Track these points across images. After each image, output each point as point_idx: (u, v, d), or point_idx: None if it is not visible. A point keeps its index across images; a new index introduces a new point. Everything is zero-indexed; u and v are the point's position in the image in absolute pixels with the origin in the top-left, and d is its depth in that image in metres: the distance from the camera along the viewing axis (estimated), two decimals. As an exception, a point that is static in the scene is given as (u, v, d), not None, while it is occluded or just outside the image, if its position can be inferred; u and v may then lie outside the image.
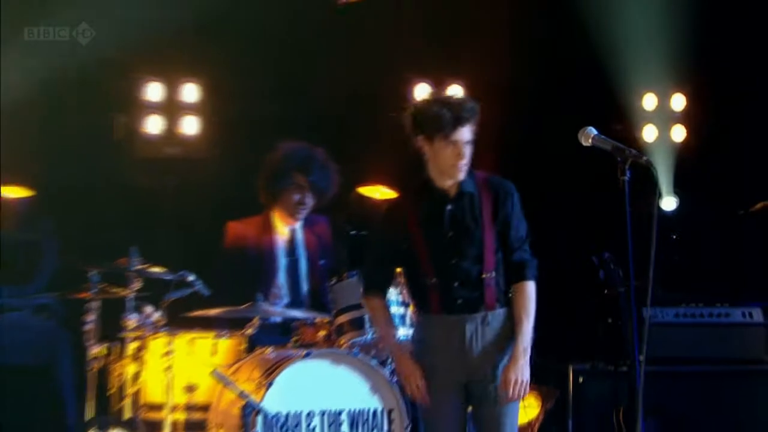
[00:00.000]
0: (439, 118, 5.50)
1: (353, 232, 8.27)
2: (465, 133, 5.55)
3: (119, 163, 10.00)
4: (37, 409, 8.60)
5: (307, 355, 6.88)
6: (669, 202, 10.44)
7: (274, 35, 9.74)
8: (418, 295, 5.85)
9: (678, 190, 10.37)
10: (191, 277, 7.39)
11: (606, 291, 8.17)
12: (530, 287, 5.63)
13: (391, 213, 6.02)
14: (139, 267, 7.50)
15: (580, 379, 8.86)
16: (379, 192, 9.34)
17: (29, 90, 9.10)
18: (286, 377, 6.66)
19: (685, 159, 10.60)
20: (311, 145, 8.03)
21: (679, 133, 10.60)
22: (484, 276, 5.61)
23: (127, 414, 7.36)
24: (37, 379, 8.88)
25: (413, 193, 5.88)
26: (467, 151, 5.57)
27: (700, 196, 10.49)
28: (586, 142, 5.24)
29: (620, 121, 10.11)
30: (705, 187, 10.51)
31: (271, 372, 6.73)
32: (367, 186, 9.26)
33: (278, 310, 7.57)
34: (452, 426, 5.78)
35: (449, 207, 5.62)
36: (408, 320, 6.73)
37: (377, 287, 5.98)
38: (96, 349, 7.40)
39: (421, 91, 9.93)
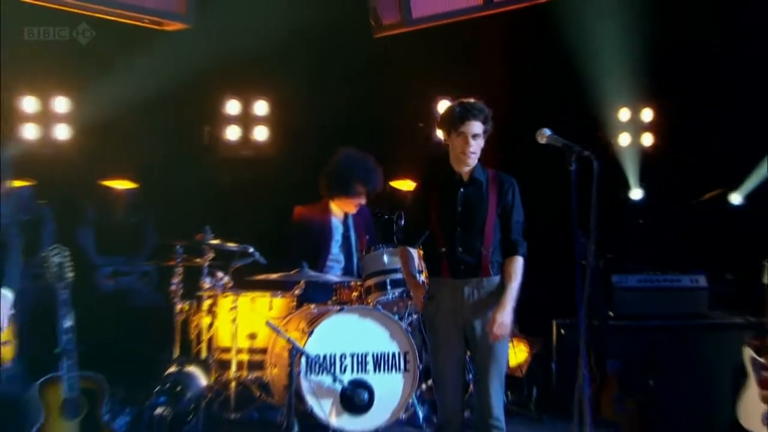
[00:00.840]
0: (452, 114, 6.04)
1: (385, 216, 8.30)
2: (473, 127, 6.04)
3: (205, 162, 10.54)
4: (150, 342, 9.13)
5: (341, 310, 7.53)
6: (636, 193, 10.80)
7: (327, 61, 10.12)
8: (431, 263, 6.34)
9: (644, 183, 10.79)
10: (251, 249, 8.14)
11: (582, 262, 8.97)
12: (519, 261, 6.17)
13: (418, 193, 6.59)
14: (212, 241, 8.20)
15: (562, 331, 9.41)
16: (406, 185, 9.60)
17: (140, 104, 9.40)
18: (324, 327, 7.35)
19: (651, 159, 10.97)
20: (364, 153, 8.64)
21: (647, 140, 10.97)
22: (483, 248, 6.10)
23: (203, 355, 8.18)
24: (149, 317, 9.46)
25: (437, 178, 6.35)
26: (475, 142, 6.04)
27: (662, 189, 10.78)
28: (542, 140, 5.80)
29: (601, 129, 10.55)
30: (667, 181, 10.82)
31: (312, 323, 7.43)
32: (398, 180, 9.71)
33: (317, 274, 8.09)
34: (452, 360, 6.24)
35: (462, 189, 6.13)
36: (422, 283, 6.98)
37: (407, 244, 6.61)
38: (180, 305, 8.27)
39: (442, 106, 10.00)
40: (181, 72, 9.35)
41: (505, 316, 6.09)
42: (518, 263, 6.18)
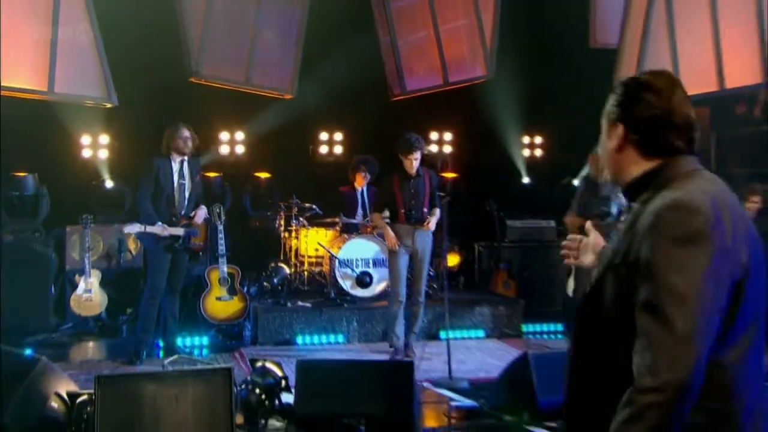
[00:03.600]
0: (404, 145, 7.20)
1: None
2: (415, 154, 7.19)
3: (309, 163, 11.46)
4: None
5: (356, 236, 8.89)
6: (525, 179, 11.69)
7: (368, 111, 10.31)
8: (394, 215, 7.42)
9: (529, 174, 11.72)
10: (315, 206, 9.38)
11: (487, 208, 9.93)
12: (437, 210, 7.32)
13: (387, 182, 7.50)
14: (298, 203, 9.20)
15: (479, 249, 10.44)
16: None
17: (277, 132, 10.36)
18: (348, 245, 8.75)
19: (536, 161, 11.94)
20: (370, 156, 9.51)
21: (536, 152, 11.76)
22: (424, 210, 7.30)
23: (291, 259, 9.33)
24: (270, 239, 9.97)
25: (398, 175, 7.35)
26: (416, 161, 7.20)
27: (540, 177, 11.61)
28: (425, 150, 7.36)
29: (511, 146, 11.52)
30: (542, 174, 11.63)
31: (343, 243, 8.81)
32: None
33: (346, 219, 9.18)
34: (403, 269, 7.37)
35: (411, 181, 7.27)
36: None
37: (380, 210, 7.61)
38: (283, 233, 9.46)
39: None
40: (295, 115, 10.21)
41: (432, 221, 7.24)
42: (437, 211, 7.33)
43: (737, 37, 8.54)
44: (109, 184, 9.77)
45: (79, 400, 4.80)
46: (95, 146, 9.90)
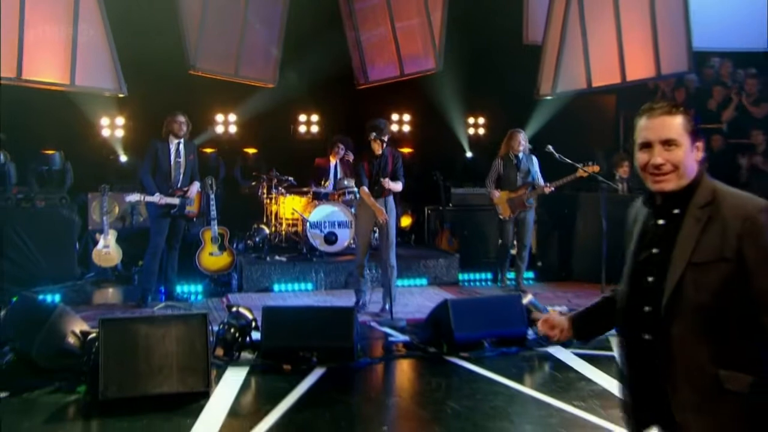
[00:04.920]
0: (372, 129, 7.05)
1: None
2: (382, 138, 7.04)
3: (290, 140, 11.57)
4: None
5: (324, 203, 8.89)
6: (468, 154, 11.69)
7: (341, 96, 10.62)
8: (368, 189, 7.10)
9: (471, 150, 11.61)
10: (291, 178, 9.37)
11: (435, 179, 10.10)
12: (400, 184, 7.12)
13: (360, 161, 7.29)
14: (277, 174, 9.30)
15: (428, 211, 10.51)
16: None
17: (263, 114, 10.55)
18: (317, 210, 8.83)
19: (479, 139, 11.89)
20: (345, 137, 9.62)
21: (479, 131, 11.74)
22: (385, 183, 7.05)
23: (272, 222, 9.40)
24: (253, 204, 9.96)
25: (369, 156, 7.15)
26: (383, 144, 7.02)
27: (482, 152, 11.23)
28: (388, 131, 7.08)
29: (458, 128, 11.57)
30: (486, 145, 11.22)
31: (313, 208, 8.86)
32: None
33: (316, 189, 9.28)
34: (368, 232, 7.29)
35: (376, 160, 7.09)
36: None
37: (363, 185, 7.15)
38: (265, 200, 9.48)
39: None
40: (278, 100, 10.50)
41: (389, 183, 7.02)
42: (399, 185, 7.14)
43: (636, 39, 9.00)
44: (123, 158, 10.09)
45: (89, 337, 5.25)
46: (112, 127, 10.20)
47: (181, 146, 7.57)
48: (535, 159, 8.17)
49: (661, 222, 2.13)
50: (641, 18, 8.86)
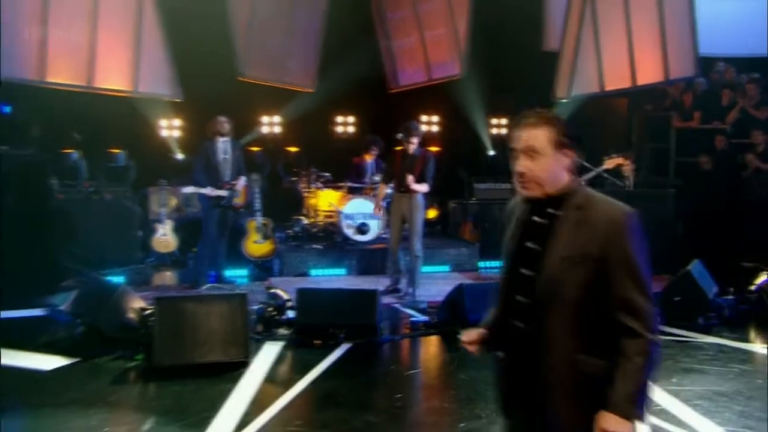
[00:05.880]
0: (404, 131, 7.14)
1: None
2: (413, 139, 7.12)
3: (329, 141, 11.55)
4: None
5: (358, 196, 9.01)
6: (491, 152, 11.40)
7: (375, 100, 10.53)
8: (393, 185, 7.45)
9: (494, 148, 11.42)
10: (328, 174, 9.46)
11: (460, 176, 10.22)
12: (425, 186, 7.10)
13: (390, 158, 7.58)
14: (315, 170, 9.42)
15: (452, 206, 10.31)
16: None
17: (304, 115, 10.48)
18: (352, 203, 8.91)
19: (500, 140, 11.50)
20: (377, 136, 9.40)
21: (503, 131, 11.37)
22: (408, 182, 7.01)
23: (310, 213, 9.47)
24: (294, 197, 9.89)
25: (400, 153, 7.26)
26: (413, 145, 7.08)
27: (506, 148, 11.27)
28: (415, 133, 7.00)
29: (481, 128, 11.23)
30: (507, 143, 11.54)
31: (347, 201, 8.95)
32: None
33: (350, 183, 9.27)
34: (398, 224, 7.34)
35: (406, 159, 7.17)
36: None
37: (387, 182, 7.55)
38: (305, 193, 9.54)
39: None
40: (318, 103, 10.47)
41: (413, 184, 6.99)
42: (424, 185, 7.11)
43: (645, 46, 9.03)
44: (179, 156, 10.33)
45: (146, 312, 5.67)
46: (169, 128, 10.48)
47: (228, 144, 7.79)
48: None
49: (537, 219, 2.15)
50: (650, 26, 8.89)
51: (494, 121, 11.59)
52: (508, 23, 10.06)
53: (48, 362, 5.28)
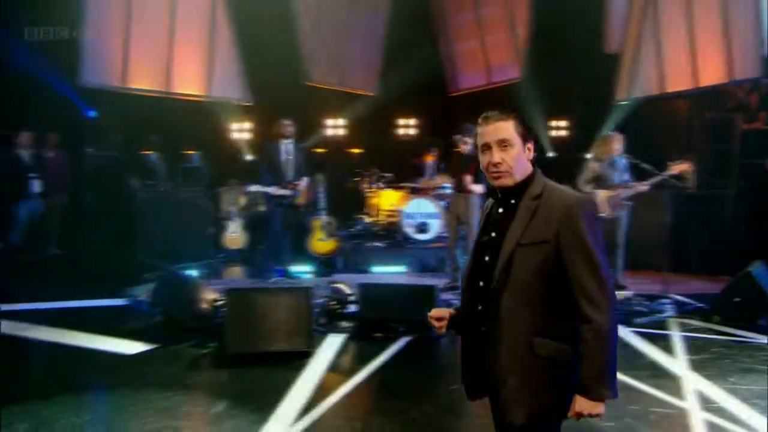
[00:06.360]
0: (459, 132, 7.19)
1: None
2: (469, 139, 7.02)
3: (391, 142, 11.65)
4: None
5: (418, 196, 9.11)
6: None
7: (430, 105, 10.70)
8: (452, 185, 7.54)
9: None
10: (389, 174, 9.72)
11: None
12: (480, 187, 6.95)
13: (450, 159, 7.61)
14: (377, 171, 9.58)
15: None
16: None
17: (365, 118, 10.59)
18: (412, 203, 9.02)
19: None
20: (436, 138, 9.55)
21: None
22: (465, 181, 7.08)
23: (373, 211, 9.66)
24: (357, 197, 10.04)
25: (456, 154, 7.26)
26: (470, 144, 6.95)
27: (564, 150, 11.08)
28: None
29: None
30: (566, 145, 11.20)
31: (408, 201, 9.07)
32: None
33: (411, 184, 9.48)
34: (453, 226, 7.36)
35: (461, 160, 7.17)
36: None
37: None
38: (368, 193, 9.64)
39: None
40: (380, 106, 10.74)
41: (469, 184, 6.99)
42: (480, 185, 7.02)
43: (708, 46, 8.76)
44: (249, 157, 10.58)
45: (217, 303, 5.90)
46: (240, 131, 10.75)
47: (291, 146, 7.87)
48: (625, 160, 7.77)
49: (500, 210, 2.22)
50: (713, 26, 8.63)
51: (553, 123, 11.47)
52: (568, 26, 9.98)
53: (129, 347, 5.53)
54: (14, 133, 8.67)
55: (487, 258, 2.20)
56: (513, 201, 2.20)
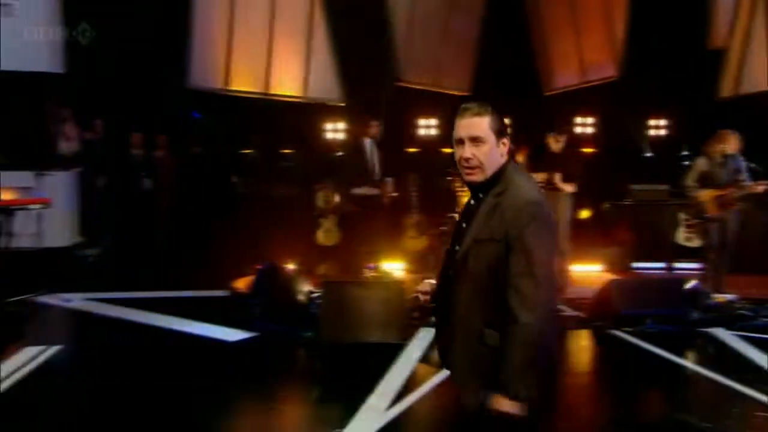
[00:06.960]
0: (551, 131, 7.20)
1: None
2: (561, 138, 7.09)
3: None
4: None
5: None
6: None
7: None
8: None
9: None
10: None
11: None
12: (570, 186, 6.98)
13: (544, 157, 7.19)
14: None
15: (608, 205, 9.59)
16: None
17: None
18: None
19: None
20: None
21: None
22: (555, 181, 7.01)
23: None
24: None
25: (546, 152, 7.12)
26: (562, 143, 6.99)
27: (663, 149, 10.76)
28: None
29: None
30: (664, 144, 10.93)
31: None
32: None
33: None
34: None
35: (554, 158, 7.03)
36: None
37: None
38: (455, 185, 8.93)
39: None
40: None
41: (559, 183, 7.00)
42: (570, 185, 7.01)
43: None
44: (342, 156, 10.37)
45: (314, 295, 6.12)
46: (334, 131, 10.86)
47: (374, 146, 7.90)
48: (741, 159, 7.34)
49: (472, 203, 2.28)
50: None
51: (652, 122, 11.09)
52: (668, 22, 9.59)
53: (231, 335, 5.75)
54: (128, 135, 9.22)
55: (456, 247, 2.26)
56: (481, 195, 2.24)
